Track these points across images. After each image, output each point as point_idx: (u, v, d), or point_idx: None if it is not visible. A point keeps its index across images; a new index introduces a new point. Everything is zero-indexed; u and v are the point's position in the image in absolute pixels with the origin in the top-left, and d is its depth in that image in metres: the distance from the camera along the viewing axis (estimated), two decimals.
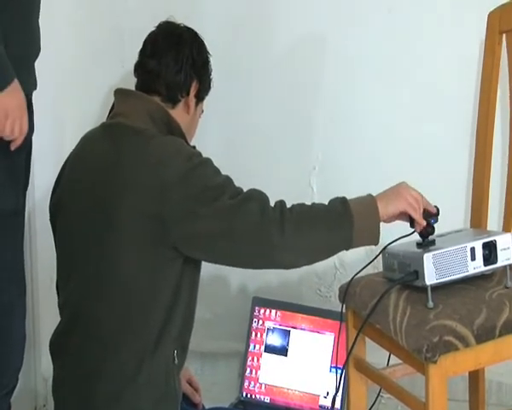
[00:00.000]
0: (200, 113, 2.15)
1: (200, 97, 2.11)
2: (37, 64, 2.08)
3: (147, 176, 1.86)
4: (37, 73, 2.08)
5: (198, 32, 2.14)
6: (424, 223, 1.93)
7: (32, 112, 2.06)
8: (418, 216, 1.92)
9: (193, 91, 2.07)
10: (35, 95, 2.10)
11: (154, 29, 2.09)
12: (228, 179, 1.91)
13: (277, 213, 1.86)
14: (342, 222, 1.87)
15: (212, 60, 2.15)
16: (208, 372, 2.78)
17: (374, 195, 1.93)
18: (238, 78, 2.60)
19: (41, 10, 2.08)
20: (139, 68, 2.06)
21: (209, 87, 2.14)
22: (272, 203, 1.90)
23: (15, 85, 1.87)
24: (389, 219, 1.93)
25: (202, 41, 2.12)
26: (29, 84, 2.01)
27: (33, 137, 2.16)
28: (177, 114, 2.04)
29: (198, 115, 2.14)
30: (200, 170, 1.89)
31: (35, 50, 2.03)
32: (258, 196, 1.89)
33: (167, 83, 2.02)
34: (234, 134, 2.67)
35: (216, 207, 1.85)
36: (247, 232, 1.85)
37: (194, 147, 2.01)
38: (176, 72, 2.03)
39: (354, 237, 1.87)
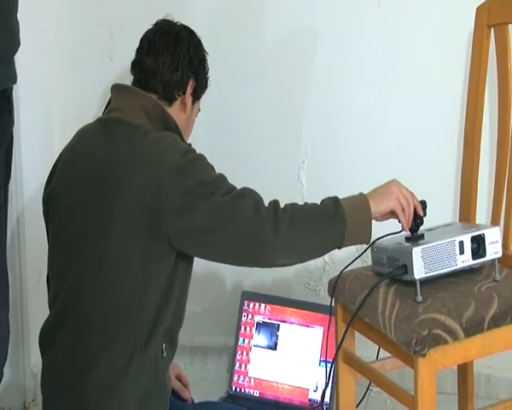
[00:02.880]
0: (197, 111, 2.15)
1: (196, 96, 2.10)
2: (25, 60, 2.07)
3: (142, 171, 1.86)
4: (24, 69, 2.07)
5: (187, 25, 2.14)
6: (408, 232, 1.95)
7: (12, 106, 2.05)
8: (405, 220, 1.94)
9: (189, 90, 2.06)
10: (23, 91, 2.09)
11: (151, 27, 2.08)
12: (222, 176, 1.92)
13: (271, 211, 1.86)
14: (334, 221, 1.88)
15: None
16: (198, 367, 2.78)
17: (365, 193, 1.93)
18: (228, 73, 2.59)
19: (29, 5, 2.07)
20: (136, 66, 2.05)
21: (206, 86, 2.13)
22: (266, 202, 1.90)
23: None
24: (381, 218, 1.94)
25: (199, 40, 2.11)
26: (8, 79, 2.00)
27: (21, 134, 2.15)
28: (174, 112, 2.03)
29: (195, 114, 2.13)
30: (195, 165, 1.89)
31: (14, 45, 2.01)
32: (252, 195, 1.90)
33: (164, 81, 2.02)
34: (223, 128, 2.67)
35: (211, 202, 1.85)
36: (241, 229, 1.85)
37: (189, 145, 2.01)
38: (172, 70, 2.02)
39: (346, 236, 1.88)
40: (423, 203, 1.96)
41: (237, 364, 2.59)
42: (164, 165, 1.85)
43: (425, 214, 1.96)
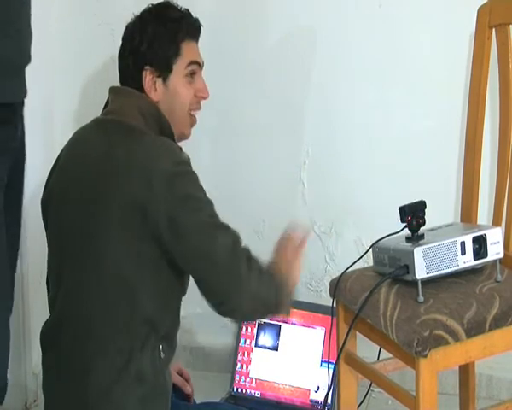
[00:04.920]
0: (185, 74, 2.04)
1: (166, 71, 2.02)
2: None
3: (136, 172, 1.86)
4: (26, 69, 2.04)
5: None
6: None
7: (19, 121, 2.01)
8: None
9: (149, 81, 2.02)
10: None
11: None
12: (211, 202, 1.92)
13: (246, 251, 1.89)
14: (286, 298, 1.93)
15: (202, 52, 2.12)
16: (199, 367, 2.78)
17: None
18: (228, 74, 2.59)
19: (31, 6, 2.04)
20: None
21: (168, 57, 2.02)
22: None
23: None
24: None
25: (145, 24, 2.03)
26: (11, 93, 1.93)
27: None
28: (159, 100, 2.02)
29: (180, 82, 2.04)
30: (187, 178, 1.89)
31: (21, 57, 1.94)
32: (233, 232, 1.91)
33: (132, 80, 2.02)
34: (224, 129, 2.66)
35: (196, 218, 1.86)
36: (220, 255, 1.86)
37: (180, 148, 1.99)
38: (131, 69, 2.02)
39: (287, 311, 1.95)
40: (423, 204, 1.96)
41: (238, 364, 2.59)
42: (156, 169, 1.85)
43: (424, 214, 1.96)
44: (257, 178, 2.64)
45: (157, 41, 2.03)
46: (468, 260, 1.90)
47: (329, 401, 2.44)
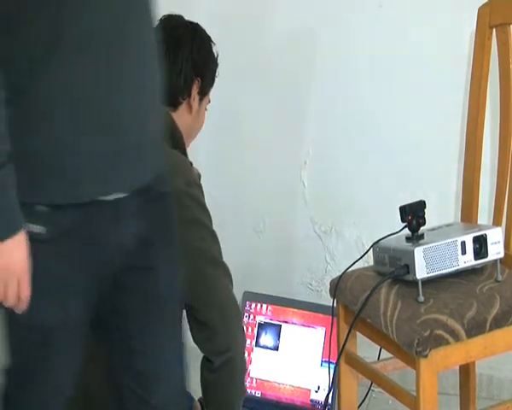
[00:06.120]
0: (207, 104, 2.12)
1: (203, 93, 2.07)
2: None
3: None
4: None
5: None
6: None
7: (128, 215, 1.52)
8: None
9: (195, 91, 2.04)
10: None
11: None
12: (215, 234, 1.95)
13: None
14: None
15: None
16: (199, 367, 2.77)
17: None
18: (229, 74, 2.59)
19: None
20: None
21: (213, 80, 2.10)
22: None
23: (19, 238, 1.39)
24: None
25: (203, 37, 2.06)
26: (100, 188, 1.46)
27: None
28: (179, 115, 2.02)
29: (203, 109, 2.10)
30: (196, 202, 1.90)
31: (130, 138, 1.44)
32: (230, 272, 1.96)
33: (166, 87, 2.00)
34: (225, 129, 2.66)
35: (199, 246, 1.89)
36: (219, 292, 1.91)
37: (191, 163, 1.99)
38: (175, 76, 2.00)
39: None
40: (423, 204, 1.96)
41: None
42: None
43: (424, 214, 1.96)
44: (257, 177, 2.64)
45: (211, 60, 2.07)
46: (468, 260, 1.90)
47: (330, 400, 2.44)
